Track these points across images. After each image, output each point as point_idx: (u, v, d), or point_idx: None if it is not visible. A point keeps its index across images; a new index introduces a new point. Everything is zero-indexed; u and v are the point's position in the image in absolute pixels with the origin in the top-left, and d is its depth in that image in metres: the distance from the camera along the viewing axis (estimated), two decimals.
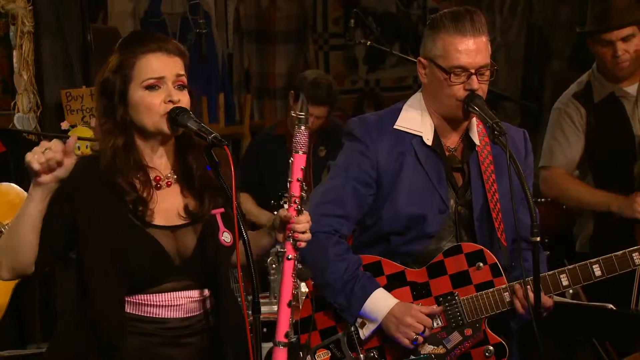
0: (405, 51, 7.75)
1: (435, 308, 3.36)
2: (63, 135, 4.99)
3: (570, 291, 4.38)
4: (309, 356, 3.35)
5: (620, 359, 4.13)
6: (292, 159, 2.91)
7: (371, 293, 3.34)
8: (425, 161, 3.41)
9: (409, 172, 3.41)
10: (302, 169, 2.91)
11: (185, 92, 2.98)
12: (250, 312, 2.92)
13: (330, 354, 3.40)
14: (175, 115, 2.94)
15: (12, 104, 5.14)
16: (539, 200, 5.27)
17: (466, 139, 3.49)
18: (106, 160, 2.92)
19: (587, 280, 3.45)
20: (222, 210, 3.03)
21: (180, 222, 2.99)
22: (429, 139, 3.42)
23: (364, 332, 3.38)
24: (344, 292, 3.36)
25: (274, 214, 3.02)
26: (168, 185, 3.01)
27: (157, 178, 3.00)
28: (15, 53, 5.11)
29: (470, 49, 3.31)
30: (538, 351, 3.25)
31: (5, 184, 4.45)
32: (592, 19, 4.48)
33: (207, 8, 7.29)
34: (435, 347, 3.36)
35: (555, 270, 3.39)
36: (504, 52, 8.24)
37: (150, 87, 2.94)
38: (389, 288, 3.38)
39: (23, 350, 4.30)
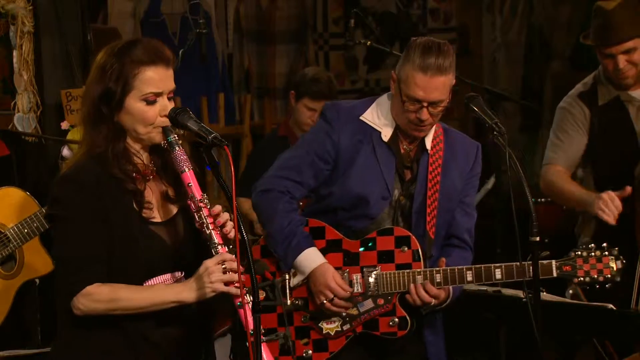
0: None
1: (353, 293, 3.78)
2: (62, 139, 4.99)
3: (570, 291, 4.38)
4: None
5: (621, 359, 4.13)
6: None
7: (304, 249, 3.78)
8: (379, 153, 3.82)
9: (363, 159, 3.81)
10: (188, 185, 3.02)
11: (172, 101, 3.09)
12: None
13: (264, 295, 3.73)
14: (175, 115, 2.98)
15: (12, 104, 5.13)
16: (539, 200, 5.28)
17: (422, 142, 3.86)
18: (108, 163, 3.01)
19: (488, 280, 3.74)
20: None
21: (170, 214, 3.13)
22: (386, 136, 3.83)
23: (293, 281, 3.83)
24: (283, 245, 3.80)
25: None
26: (153, 177, 3.11)
27: (145, 172, 3.10)
28: (15, 53, 5.10)
29: (428, 86, 3.65)
30: (538, 351, 3.25)
31: (10, 188, 4.46)
32: (594, 31, 4.45)
33: (207, 8, 7.28)
34: (350, 309, 3.80)
35: (464, 267, 3.75)
36: (504, 52, 8.24)
37: (149, 101, 3.01)
38: (326, 250, 3.84)
39: (23, 350, 4.30)
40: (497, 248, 4.97)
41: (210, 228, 2.99)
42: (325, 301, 3.77)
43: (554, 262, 3.72)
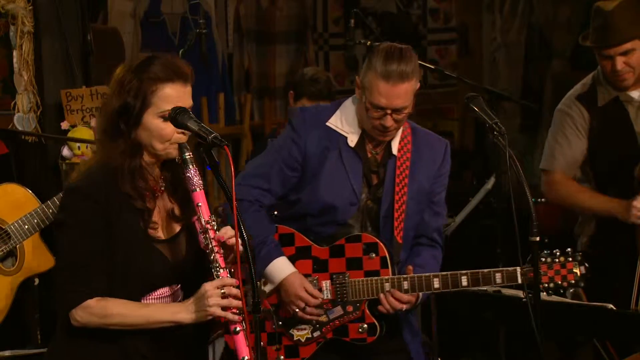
0: None
1: (324, 298, 3.82)
2: (63, 138, 4.99)
3: (571, 291, 4.38)
4: None
5: (621, 359, 4.13)
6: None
7: (274, 259, 3.80)
8: (346, 158, 3.84)
9: (331, 166, 3.83)
10: (198, 205, 3.00)
11: None
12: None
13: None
14: (175, 115, 2.97)
15: (12, 104, 5.13)
16: (538, 200, 5.27)
17: (388, 145, 3.88)
18: (120, 179, 3.01)
19: (454, 287, 3.76)
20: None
21: (173, 231, 3.12)
22: (352, 141, 3.85)
23: (265, 290, 3.87)
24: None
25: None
26: (161, 193, 3.08)
27: (155, 187, 3.08)
28: (15, 53, 5.11)
29: (390, 94, 3.67)
30: (538, 351, 3.25)
31: (10, 185, 4.46)
32: (593, 32, 4.44)
33: (207, 8, 7.28)
34: (320, 316, 3.84)
35: (431, 274, 3.78)
36: (504, 52, 8.24)
37: (166, 117, 3.02)
38: (295, 257, 3.87)
39: (23, 350, 4.30)
40: (497, 248, 4.97)
41: (215, 251, 2.98)
42: (297, 310, 3.80)
43: (518, 268, 3.74)
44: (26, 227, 4.29)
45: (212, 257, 2.98)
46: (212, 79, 7.39)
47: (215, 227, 2.99)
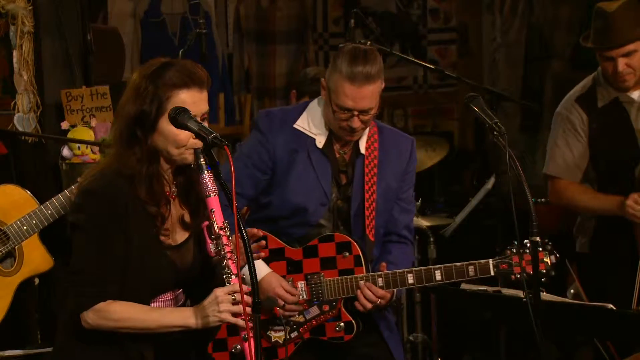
0: (405, 51, 7.73)
1: (300, 298, 3.87)
2: (62, 138, 4.99)
3: (572, 291, 4.38)
4: None
5: (621, 359, 4.13)
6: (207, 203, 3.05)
7: None
8: (315, 159, 3.89)
9: (300, 168, 3.88)
10: (211, 211, 3.01)
11: (206, 122, 3.08)
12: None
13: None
14: (175, 115, 2.97)
15: (12, 104, 5.13)
16: (539, 200, 5.27)
17: (356, 145, 3.94)
18: (136, 184, 3.01)
19: (428, 282, 3.83)
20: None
21: (182, 237, 3.13)
22: (320, 142, 3.90)
23: None
24: None
25: None
26: (173, 199, 3.08)
27: (167, 192, 3.10)
28: (15, 53, 5.10)
29: (356, 95, 3.72)
30: (538, 351, 3.25)
31: (9, 185, 4.46)
32: (594, 33, 4.43)
33: (207, 8, 7.27)
34: (296, 316, 3.89)
35: (405, 270, 3.85)
36: (504, 52, 8.23)
37: None
38: (269, 259, 3.88)
39: (23, 350, 4.30)
40: (497, 248, 4.98)
41: (227, 257, 2.99)
42: (277, 309, 3.82)
43: (490, 261, 3.82)
44: (25, 228, 4.29)
45: (224, 264, 2.97)
46: (212, 79, 7.36)
47: (228, 233, 2.99)
